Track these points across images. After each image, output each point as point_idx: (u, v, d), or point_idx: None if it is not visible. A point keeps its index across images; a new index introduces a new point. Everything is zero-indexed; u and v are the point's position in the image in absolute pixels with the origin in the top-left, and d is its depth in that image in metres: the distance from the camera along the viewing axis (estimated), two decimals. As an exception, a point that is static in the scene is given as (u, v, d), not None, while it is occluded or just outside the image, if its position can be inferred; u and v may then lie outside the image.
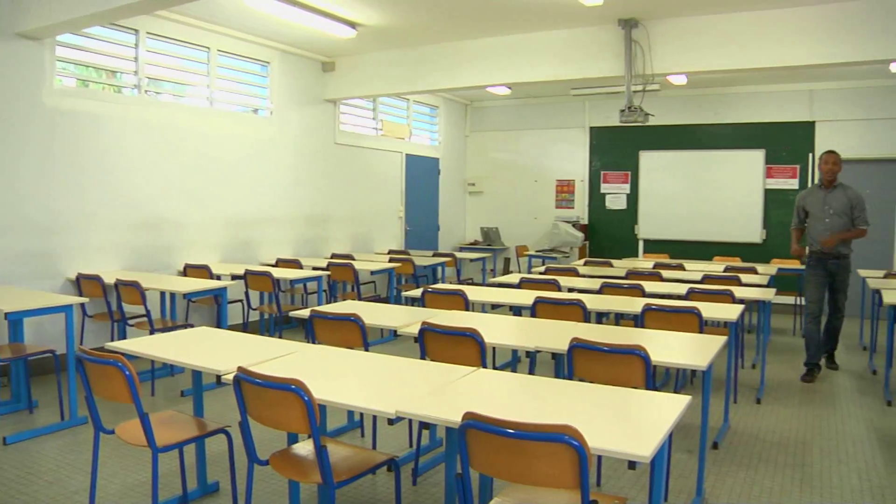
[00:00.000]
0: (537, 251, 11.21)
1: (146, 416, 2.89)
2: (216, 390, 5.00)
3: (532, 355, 4.82)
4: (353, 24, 7.38)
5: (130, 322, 6.03)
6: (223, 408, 4.84)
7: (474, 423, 2.15)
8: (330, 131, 9.31)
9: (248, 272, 6.83)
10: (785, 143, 10.30)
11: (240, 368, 2.70)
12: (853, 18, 6.42)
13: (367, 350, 3.88)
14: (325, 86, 9.11)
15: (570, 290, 6.10)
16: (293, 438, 3.11)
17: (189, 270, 6.94)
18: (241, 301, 7.08)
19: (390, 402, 2.55)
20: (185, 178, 7.22)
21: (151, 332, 5.31)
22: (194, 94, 7.51)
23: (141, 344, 3.56)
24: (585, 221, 11.63)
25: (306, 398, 2.51)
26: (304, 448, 2.98)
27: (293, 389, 2.52)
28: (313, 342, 4.13)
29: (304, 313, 4.30)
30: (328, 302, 7.39)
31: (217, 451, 4.01)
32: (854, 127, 9.68)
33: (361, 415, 4.63)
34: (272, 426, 2.73)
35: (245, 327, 7.11)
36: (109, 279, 5.86)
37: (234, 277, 6.85)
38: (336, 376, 3.03)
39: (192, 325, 5.67)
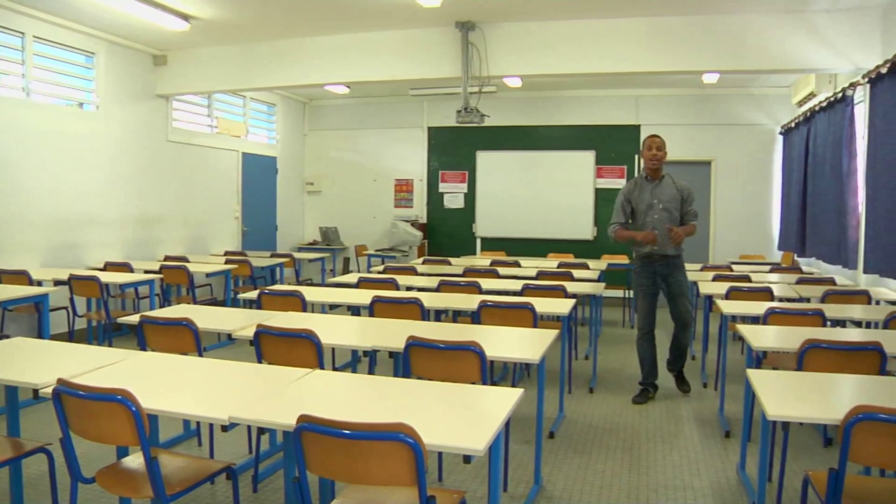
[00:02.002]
0: (377, 250, 11.24)
1: (-50, 437, 2.66)
2: (35, 406, 4.65)
3: (371, 355, 4.83)
4: (185, 17, 7.10)
5: (-66, 335, 5.52)
6: (43, 425, 4.50)
7: (309, 425, 2.13)
8: (162, 128, 8.91)
9: (72, 277, 6.42)
10: (613, 144, 10.89)
11: (60, 380, 2.54)
12: (673, 32, 6.98)
13: (201, 355, 3.76)
14: (156, 80, 8.71)
15: (409, 288, 6.16)
16: (123, 452, 2.97)
17: (4, 276, 6.42)
18: (65, 308, 6.65)
19: (223, 408, 2.48)
20: (-1, 176, 6.70)
21: (-40, 345, 4.88)
22: (8, 83, 6.95)
23: (-57, 359, 3.26)
24: (424, 220, 11.78)
25: (133, 408, 2.39)
26: (135, 461, 2.84)
27: (119, 400, 2.39)
28: (144, 349, 3.95)
29: (135, 319, 4.10)
30: (161, 306, 7.07)
31: (37, 473, 3.74)
32: (673, 131, 10.31)
33: (198, 423, 4.47)
34: (99, 441, 2.59)
35: (71, 336, 6.69)
36: None
37: (57, 283, 6.41)
38: (167, 384, 2.91)
39: (7, 336, 5.27)
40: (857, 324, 5.00)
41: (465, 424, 2.40)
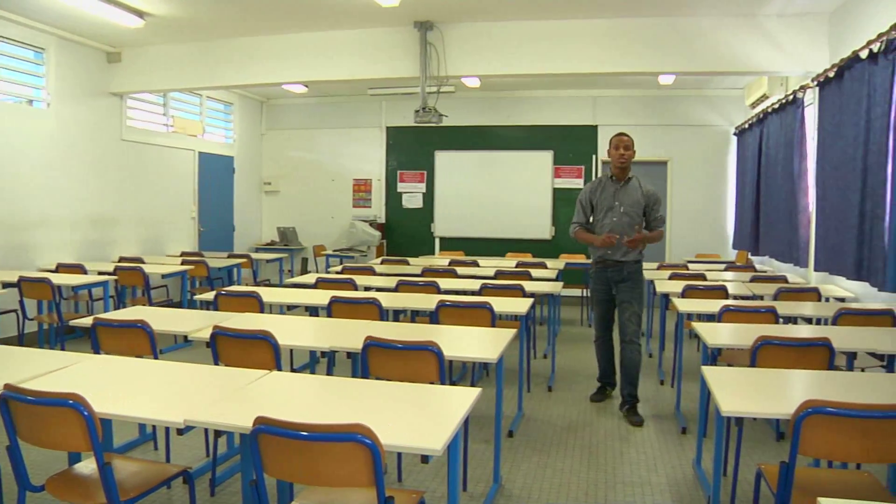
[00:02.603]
0: (335, 250, 11.18)
1: None
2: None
3: (329, 356, 4.80)
4: (140, 13, 7.00)
5: None
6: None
7: (265, 427, 2.11)
8: (116, 127, 8.76)
9: (22, 279, 6.28)
10: (571, 144, 10.98)
11: (7, 386, 2.48)
12: (630, 34, 7.08)
13: (156, 358, 3.71)
14: (110, 78, 8.54)
15: (367, 288, 6.15)
16: (75, 458, 2.91)
17: (-49, 279, 6.27)
18: (15, 311, 6.49)
19: (179, 410, 2.44)
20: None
21: None
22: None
23: None
24: (382, 220, 11.75)
25: (86, 413, 2.34)
26: (87, 467, 2.78)
27: (70, 405, 2.34)
28: (98, 352, 3.87)
29: (88, 321, 4.03)
30: (116, 308, 6.95)
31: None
32: (630, 131, 10.34)
33: (154, 427, 4.40)
34: (50, 447, 2.53)
35: (20, 340, 6.53)
36: None
37: (5, 285, 6.26)
38: (121, 387, 2.86)
39: (-45, 340, 5.14)
40: (808, 320, 5.11)
41: (423, 424, 2.40)
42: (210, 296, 5.26)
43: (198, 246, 10.39)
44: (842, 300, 5.85)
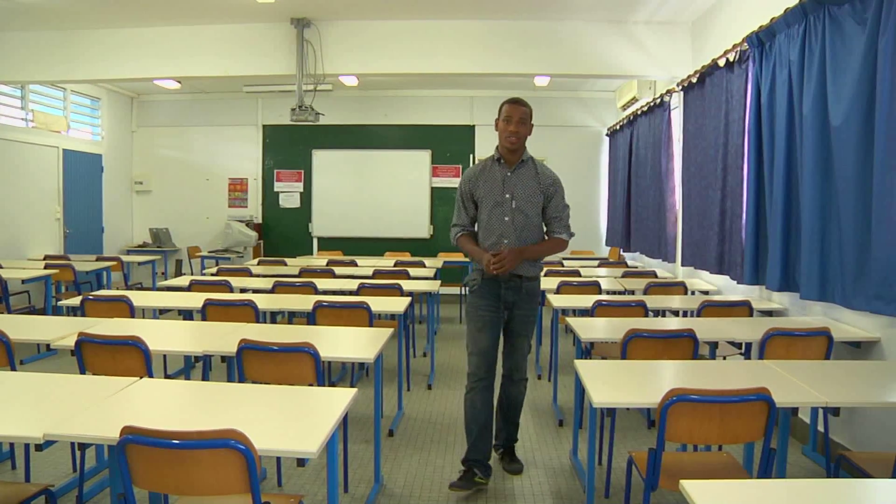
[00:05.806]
0: (210, 252, 10.88)
1: None
2: None
3: (205, 360, 4.66)
4: (-12, -3, 6.56)
5: None
6: None
7: (134, 437, 2.03)
8: (-33, 122, 8.19)
9: None
10: (449, 144, 11.09)
11: None
12: (506, 36, 7.25)
13: (14, 369, 3.49)
14: (-43, 68, 7.97)
15: (243, 290, 6.02)
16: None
17: None
18: None
19: (38, 424, 2.30)
20: None
21: None
22: None
23: None
24: (259, 220, 11.52)
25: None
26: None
27: None
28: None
29: (-70, 332, 3.74)
30: (-30, 317, 6.52)
31: None
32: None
33: (11, 445, 4.14)
34: None
35: None
36: None
37: None
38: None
39: None
40: (675, 313, 5.35)
41: (298, 427, 2.37)
42: (76, 301, 4.99)
43: (63, 248, 9.85)
44: (706, 293, 6.17)
